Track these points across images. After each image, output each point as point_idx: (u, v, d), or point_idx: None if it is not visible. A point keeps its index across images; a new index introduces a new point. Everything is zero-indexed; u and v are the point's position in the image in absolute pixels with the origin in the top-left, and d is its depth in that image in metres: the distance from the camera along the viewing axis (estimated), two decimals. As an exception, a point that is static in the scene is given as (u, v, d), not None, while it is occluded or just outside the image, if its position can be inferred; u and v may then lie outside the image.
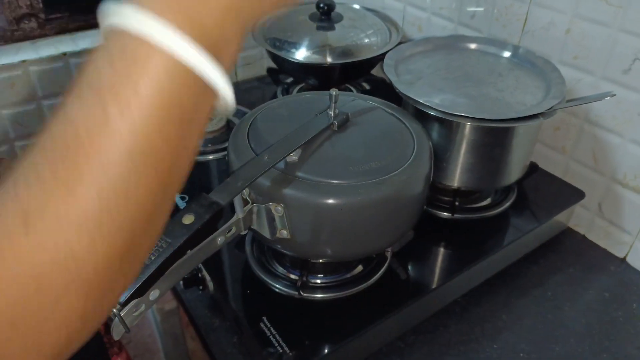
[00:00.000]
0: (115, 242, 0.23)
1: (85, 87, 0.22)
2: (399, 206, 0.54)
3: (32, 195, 0.21)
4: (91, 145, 0.21)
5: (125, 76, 0.22)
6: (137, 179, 0.22)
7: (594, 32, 0.67)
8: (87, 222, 0.21)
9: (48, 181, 0.21)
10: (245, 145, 0.55)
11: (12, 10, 0.89)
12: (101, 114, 0.21)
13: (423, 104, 0.60)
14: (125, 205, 0.22)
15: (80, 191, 0.21)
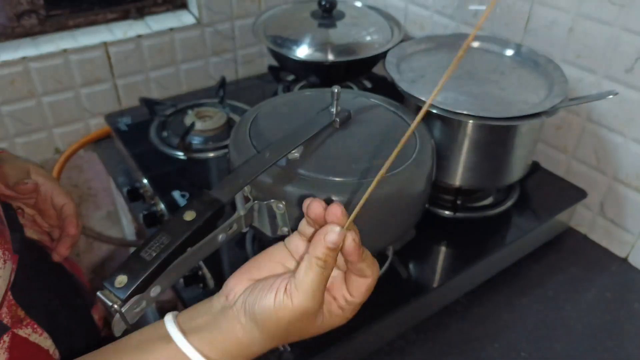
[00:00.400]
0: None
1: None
2: (400, 204, 0.54)
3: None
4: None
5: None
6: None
7: (597, 31, 0.67)
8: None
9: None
10: (247, 142, 0.54)
11: (12, 7, 0.89)
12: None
13: (425, 102, 0.60)
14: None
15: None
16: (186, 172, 0.79)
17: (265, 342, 0.36)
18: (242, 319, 0.36)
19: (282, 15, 0.92)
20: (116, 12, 0.98)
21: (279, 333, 0.35)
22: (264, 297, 0.35)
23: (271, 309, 0.34)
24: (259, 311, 0.35)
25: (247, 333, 0.36)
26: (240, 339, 0.36)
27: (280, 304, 0.34)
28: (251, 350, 0.36)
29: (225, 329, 0.36)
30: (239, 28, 1.05)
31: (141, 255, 0.40)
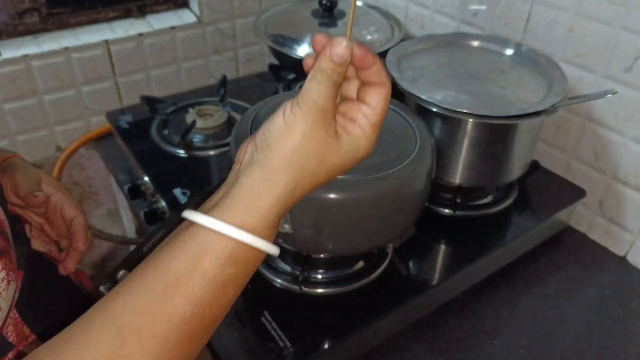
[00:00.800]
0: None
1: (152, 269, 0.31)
2: (400, 202, 0.54)
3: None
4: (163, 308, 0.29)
5: (192, 261, 0.30)
6: (194, 330, 0.30)
7: (597, 30, 0.67)
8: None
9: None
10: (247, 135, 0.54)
11: (14, 5, 0.89)
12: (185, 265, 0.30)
13: (425, 100, 0.60)
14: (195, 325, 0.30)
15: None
16: (187, 169, 0.79)
17: (287, 174, 0.33)
18: (257, 155, 0.33)
19: (283, 14, 0.93)
20: (118, 11, 0.98)
21: (297, 157, 0.32)
22: (273, 120, 0.33)
23: (282, 125, 0.32)
24: (270, 134, 0.33)
25: (266, 170, 0.32)
26: (261, 183, 0.32)
27: (290, 117, 0.32)
28: (277, 193, 0.33)
29: (244, 184, 0.32)
30: (240, 27, 1.06)
31: (143, 250, 0.40)
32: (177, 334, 0.29)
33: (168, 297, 0.29)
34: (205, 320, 0.30)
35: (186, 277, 0.29)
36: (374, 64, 0.34)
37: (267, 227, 0.32)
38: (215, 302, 0.30)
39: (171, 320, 0.29)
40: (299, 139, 0.32)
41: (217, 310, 0.31)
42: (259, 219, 0.32)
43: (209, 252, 0.30)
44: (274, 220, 0.33)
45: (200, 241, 0.30)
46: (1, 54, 0.86)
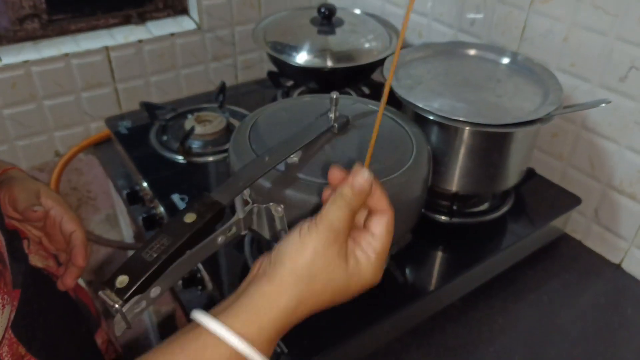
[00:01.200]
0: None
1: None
2: (397, 208, 0.54)
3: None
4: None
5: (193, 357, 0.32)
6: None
7: (591, 40, 0.68)
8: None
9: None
10: (247, 146, 0.55)
11: (15, 11, 0.90)
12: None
13: (422, 108, 0.61)
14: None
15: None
16: (185, 175, 0.80)
17: (294, 290, 0.34)
18: (270, 268, 0.35)
19: (281, 21, 0.94)
20: (118, 17, 0.99)
21: (306, 273, 0.34)
22: (289, 236, 0.36)
23: (296, 241, 0.35)
24: (285, 249, 0.35)
25: (274, 282, 0.35)
26: (268, 295, 0.34)
27: (305, 234, 0.35)
28: (281, 307, 0.34)
29: (252, 294, 0.35)
30: (239, 34, 1.06)
31: (142, 256, 0.41)
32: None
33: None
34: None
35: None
36: (376, 192, 0.37)
37: (267, 340, 0.34)
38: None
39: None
40: (310, 255, 0.34)
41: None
42: (259, 330, 0.34)
43: (207, 355, 0.32)
44: (274, 335, 0.34)
45: (201, 344, 0.33)
46: (1, 60, 0.86)
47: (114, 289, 0.38)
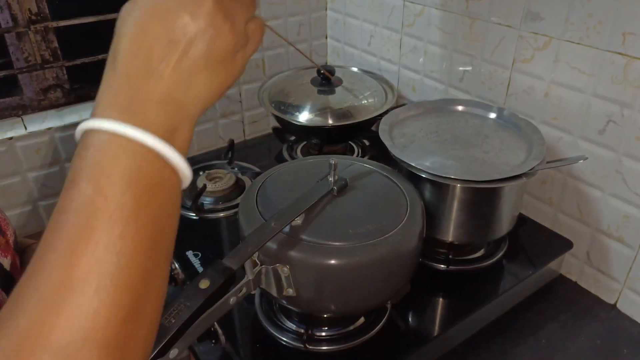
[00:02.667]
0: (120, 302, 0.26)
1: (67, 181, 0.28)
2: (395, 263, 0.59)
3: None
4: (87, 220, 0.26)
5: (94, 163, 0.27)
6: (126, 243, 0.26)
7: (570, 96, 0.73)
8: (97, 281, 0.25)
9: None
10: (254, 210, 0.60)
11: (39, 82, 0.98)
12: (76, 194, 0.27)
13: (415, 167, 0.66)
14: (120, 266, 0.26)
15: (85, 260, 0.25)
16: (198, 231, 0.85)
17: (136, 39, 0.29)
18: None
19: (284, 82, 1.00)
20: (133, 83, 1.07)
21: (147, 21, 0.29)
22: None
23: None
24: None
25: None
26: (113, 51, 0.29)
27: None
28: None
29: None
30: (245, 92, 1.14)
31: (162, 322, 0.45)
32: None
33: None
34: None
35: None
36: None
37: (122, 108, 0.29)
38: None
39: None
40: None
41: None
42: (116, 85, 0.30)
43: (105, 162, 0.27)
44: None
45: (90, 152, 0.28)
46: (26, 128, 0.94)
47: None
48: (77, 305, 0.24)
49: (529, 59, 0.77)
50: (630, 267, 0.73)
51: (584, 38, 0.69)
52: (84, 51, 1.00)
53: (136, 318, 0.27)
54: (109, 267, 0.25)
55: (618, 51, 0.66)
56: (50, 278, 0.25)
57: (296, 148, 1.03)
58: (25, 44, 0.94)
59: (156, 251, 0.28)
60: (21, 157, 0.93)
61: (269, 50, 1.13)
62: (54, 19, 0.95)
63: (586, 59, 0.70)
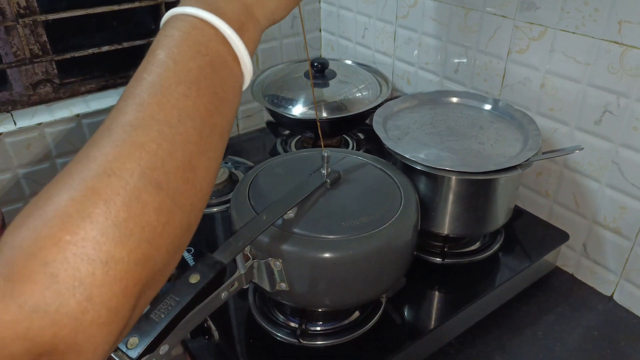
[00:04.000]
0: (175, 153, 0.29)
1: (147, 53, 0.32)
2: (389, 257, 0.58)
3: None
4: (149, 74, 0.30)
5: (170, 37, 0.32)
6: (187, 102, 0.30)
7: (566, 86, 0.72)
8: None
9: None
10: (246, 204, 0.59)
11: (28, 77, 0.96)
12: (151, 59, 0.31)
13: (409, 159, 0.65)
14: (180, 121, 0.29)
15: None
16: (191, 226, 0.83)
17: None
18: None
19: (278, 75, 0.99)
20: (125, 78, 1.05)
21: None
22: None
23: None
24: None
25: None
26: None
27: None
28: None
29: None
30: (238, 86, 1.12)
31: (151, 316, 0.44)
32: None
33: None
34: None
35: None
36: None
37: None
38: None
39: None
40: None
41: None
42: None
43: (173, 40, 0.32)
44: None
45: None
46: (16, 124, 0.92)
47: (126, 350, 0.42)
48: (138, 143, 0.28)
49: (525, 49, 0.76)
50: (626, 259, 0.73)
51: (579, 27, 0.68)
52: (74, 45, 0.99)
53: (187, 176, 0.29)
54: (171, 118, 0.29)
55: (614, 40, 0.65)
56: (124, 118, 0.28)
57: (290, 142, 1.02)
58: (13, 38, 0.92)
59: (212, 122, 0.31)
60: (11, 153, 0.91)
61: (262, 44, 1.11)
62: (43, 13, 0.93)
63: (582, 48, 0.69)
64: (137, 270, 0.26)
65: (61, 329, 0.24)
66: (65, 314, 0.24)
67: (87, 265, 0.24)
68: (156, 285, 0.29)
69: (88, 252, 0.24)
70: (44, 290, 0.23)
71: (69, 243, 0.24)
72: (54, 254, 0.24)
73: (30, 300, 0.23)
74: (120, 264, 0.25)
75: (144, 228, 0.27)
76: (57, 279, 0.24)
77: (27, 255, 0.24)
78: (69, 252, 0.24)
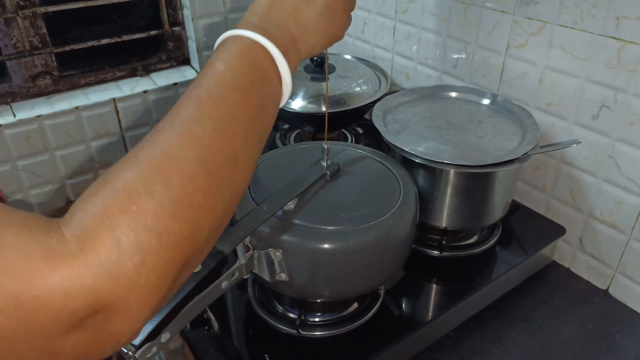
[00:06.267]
0: (223, 147, 0.33)
1: (205, 65, 0.37)
2: (388, 248, 0.59)
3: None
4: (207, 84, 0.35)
5: (228, 52, 0.37)
6: (238, 107, 0.35)
7: (564, 81, 0.73)
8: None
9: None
10: (247, 195, 0.60)
11: (28, 69, 0.96)
12: (211, 69, 0.36)
13: (409, 152, 0.66)
14: (232, 120, 0.34)
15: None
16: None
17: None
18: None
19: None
20: (124, 70, 1.05)
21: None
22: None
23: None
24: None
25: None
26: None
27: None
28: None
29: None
30: (238, 80, 1.13)
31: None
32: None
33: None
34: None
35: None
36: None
37: (256, 24, 0.39)
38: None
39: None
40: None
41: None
42: (253, 14, 0.40)
43: (224, 54, 0.37)
44: (264, 20, 0.40)
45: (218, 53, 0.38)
46: (15, 116, 0.92)
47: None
48: (197, 135, 0.32)
49: (523, 44, 0.77)
50: (622, 253, 0.73)
51: (578, 22, 0.69)
52: (74, 38, 0.99)
53: (231, 169, 0.33)
54: (224, 118, 0.33)
55: (612, 35, 0.66)
56: (185, 113, 0.33)
57: (289, 136, 1.02)
58: (13, 30, 0.92)
59: (255, 127, 0.36)
60: (10, 146, 0.91)
61: (262, 38, 1.12)
62: (43, 5, 0.93)
63: (580, 44, 0.70)
64: (184, 245, 0.30)
65: (119, 287, 0.27)
66: (124, 274, 0.27)
67: (145, 234, 0.28)
68: (193, 264, 0.32)
69: (148, 222, 0.28)
70: (109, 251, 0.27)
71: (134, 212, 0.28)
72: (120, 221, 0.27)
73: (97, 259, 0.26)
74: (172, 237, 0.29)
75: (194, 208, 0.30)
76: (121, 243, 0.27)
77: (97, 220, 0.27)
78: (132, 220, 0.27)
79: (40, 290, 0.25)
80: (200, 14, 1.02)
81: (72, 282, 0.26)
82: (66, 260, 0.26)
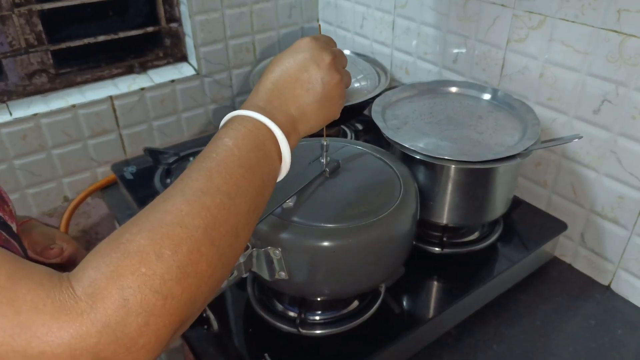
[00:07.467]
0: (225, 219, 0.35)
1: (212, 139, 0.40)
2: (388, 246, 0.58)
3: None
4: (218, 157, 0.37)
5: (236, 130, 0.39)
6: (243, 182, 0.37)
7: (565, 76, 0.72)
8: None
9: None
10: (245, 193, 0.59)
11: (24, 67, 0.95)
12: (220, 144, 0.38)
13: (409, 148, 0.65)
14: (238, 194, 0.37)
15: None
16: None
17: (267, 75, 0.44)
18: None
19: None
20: (121, 68, 1.04)
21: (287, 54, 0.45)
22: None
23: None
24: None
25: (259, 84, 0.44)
26: (255, 87, 0.44)
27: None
28: (261, 88, 0.43)
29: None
30: (235, 76, 1.12)
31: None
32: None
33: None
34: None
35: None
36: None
37: (259, 106, 0.42)
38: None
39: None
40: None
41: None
42: (251, 105, 0.42)
43: (230, 132, 0.40)
44: (266, 103, 0.43)
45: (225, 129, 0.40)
46: (12, 114, 0.91)
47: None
48: (206, 206, 0.34)
49: (524, 38, 0.76)
50: (624, 248, 0.73)
51: (579, 16, 0.68)
52: (70, 35, 0.98)
53: (232, 240, 0.35)
54: (230, 192, 0.36)
55: (613, 29, 0.65)
56: (195, 184, 0.35)
57: (288, 133, 1.02)
58: (9, 28, 0.91)
59: (257, 201, 0.39)
60: (7, 144, 0.91)
61: (260, 34, 1.11)
62: (39, 2, 0.92)
63: (581, 37, 0.69)
64: (184, 308, 0.31)
65: (120, 347, 0.28)
66: (127, 334, 0.28)
67: (152, 296, 0.29)
68: (185, 327, 0.34)
69: (155, 285, 0.29)
70: (117, 310, 0.28)
71: (143, 275, 0.29)
72: (130, 282, 0.29)
73: (105, 318, 0.28)
74: (176, 300, 0.30)
75: (197, 274, 0.32)
76: (128, 303, 0.28)
77: (109, 279, 0.29)
78: (142, 282, 0.29)
79: (48, 346, 0.26)
80: (197, 10, 1.01)
81: (79, 340, 0.27)
82: (76, 318, 0.27)
